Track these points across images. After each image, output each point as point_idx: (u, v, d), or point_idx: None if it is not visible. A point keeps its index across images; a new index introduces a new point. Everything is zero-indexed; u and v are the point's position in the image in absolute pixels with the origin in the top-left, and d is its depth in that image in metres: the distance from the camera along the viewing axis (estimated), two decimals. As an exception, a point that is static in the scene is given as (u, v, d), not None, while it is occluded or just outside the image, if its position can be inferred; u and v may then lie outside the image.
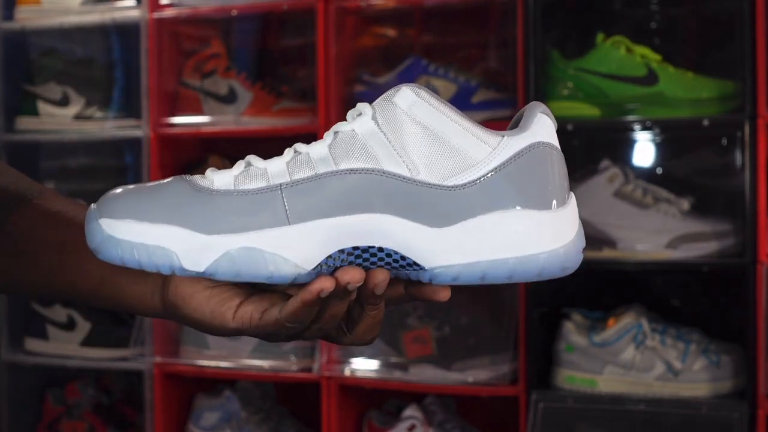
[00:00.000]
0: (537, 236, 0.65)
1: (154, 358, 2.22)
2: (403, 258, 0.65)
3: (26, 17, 2.35)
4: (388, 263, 0.65)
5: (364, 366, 2.10)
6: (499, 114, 2.04)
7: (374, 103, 0.67)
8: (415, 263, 0.65)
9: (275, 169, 0.66)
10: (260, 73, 2.42)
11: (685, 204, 1.95)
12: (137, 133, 2.26)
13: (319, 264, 0.65)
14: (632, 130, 2.00)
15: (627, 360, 1.89)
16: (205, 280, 0.70)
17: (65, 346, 2.34)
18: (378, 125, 0.65)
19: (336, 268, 0.65)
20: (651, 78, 1.91)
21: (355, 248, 0.65)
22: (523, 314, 1.94)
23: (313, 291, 0.64)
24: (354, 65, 2.19)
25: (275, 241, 0.64)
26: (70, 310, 2.34)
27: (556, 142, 0.68)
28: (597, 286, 2.11)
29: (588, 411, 1.89)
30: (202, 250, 0.64)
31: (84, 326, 2.34)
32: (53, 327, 2.35)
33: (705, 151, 2.07)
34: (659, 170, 2.10)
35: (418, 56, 2.17)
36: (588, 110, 1.93)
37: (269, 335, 0.69)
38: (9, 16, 2.37)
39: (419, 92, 0.66)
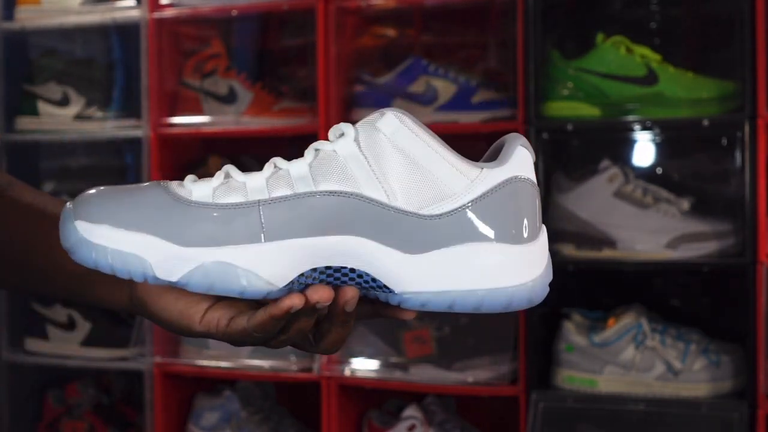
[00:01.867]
0: (508, 270, 0.66)
1: (154, 358, 2.22)
2: (374, 280, 0.66)
3: (26, 17, 2.35)
4: (358, 284, 0.66)
5: (364, 366, 2.10)
6: (499, 114, 2.04)
7: (357, 125, 0.67)
8: (385, 286, 0.66)
9: (254, 184, 0.66)
10: (260, 73, 2.42)
11: (685, 204, 1.95)
12: (137, 133, 2.26)
13: (291, 281, 0.65)
14: (632, 130, 2.00)
15: (627, 360, 1.89)
16: None
17: (65, 346, 2.34)
18: (360, 148, 0.66)
19: (307, 285, 0.66)
20: (651, 78, 1.91)
21: (328, 267, 0.66)
22: (523, 314, 1.94)
23: (282, 308, 0.65)
24: (354, 65, 2.19)
25: (249, 257, 0.65)
26: (70, 310, 2.34)
27: (533, 176, 0.69)
28: (597, 286, 2.11)
29: (588, 411, 1.89)
30: (176, 260, 0.65)
31: (84, 326, 2.34)
32: (53, 327, 2.35)
33: (705, 151, 2.07)
34: (659, 170, 2.10)
35: (418, 56, 2.17)
36: (588, 110, 1.93)
37: (235, 341, 0.70)
38: (9, 16, 2.37)
39: (403, 119, 0.66)
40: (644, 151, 2.12)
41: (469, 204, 0.66)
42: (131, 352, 2.28)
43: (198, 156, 2.35)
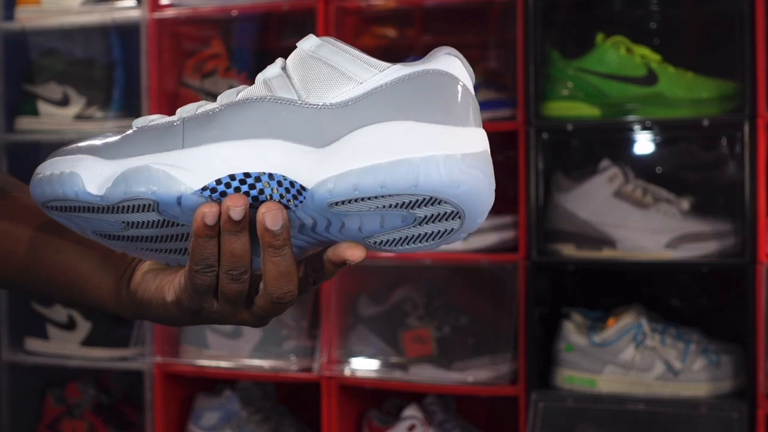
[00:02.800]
0: (413, 141, 0.62)
1: (154, 358, 2.22)
2: (292, 184, 0.64)
3: (26, 17, 2.35)
4: (281, 194, 0.65)
5: (364, 366, 2.10)
6: (499, 114, 2.04)
7: None
8: (302, 187, 0.64)
9: (187, 110, 0.69)
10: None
11: (685, 204, 1.95)
12: (137, 133, 2.25)
13: (207, 187, 0.65)
14: (632, 130, 2.00)
15: (627, 360, 1.90)
16: (157, 266, 0.73)
17: (65, 346, 2.34)
18: (284, 68, 0.68)
19: None
20: (651, 78, 1.92)
21: (247, 175, 0.65)
22: (523, 314, 1.94)
23: (197, 219, 0.65)
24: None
25: (165, 160, 0.66)
26: (71, 310, 2.34)
27: (461, 76, 0.65)
28: (597, 286, 2.11)
29: (588, 411, 1.89)
30: (104, 174, 0.67)
31: (84, 326, 2.34)
32: (53, 327, 2.36)
33: (705, 151, 2.07)
34: (659, 170, 2.10)
35: (418, 56, 2.17)
36: (588, 110, 1.93)
37: (196, 300, 0.69)
38: (9, 16, 2.37)
39: (325, 38, 0.68)
40: (644, 151, 2.12)
41: (378, 89, 0.64)
42: (131, 352, 2.28)
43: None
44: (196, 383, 2.29)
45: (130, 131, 0.70)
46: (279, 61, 0.69)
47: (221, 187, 0.65)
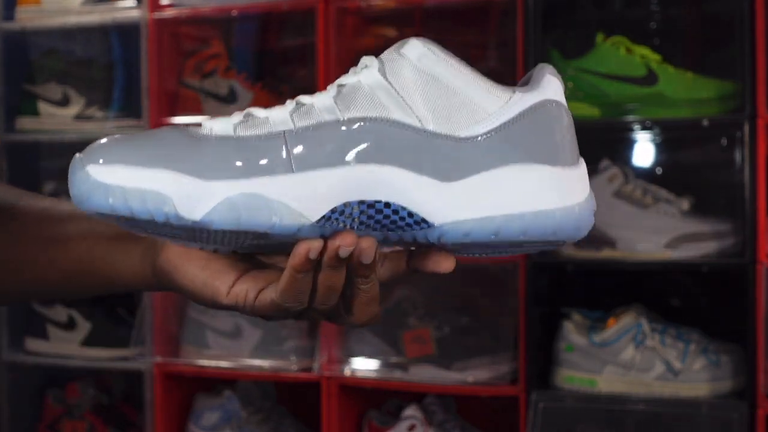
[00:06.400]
0: (552, 192, 0.62)
1: (154, 358, 2.22)
2: (410, 215, 0.61)
3: (26, 17, 2.35)
4: (394, 221, 0.61)
5: (364, 366, 2.10)
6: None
7: (381, 55, 0.64)
8: (423, 220, 0.61)
9: (277, 117, 0.62)
10: (260, 73, 2.42)
11: (685, 204, 1.95)
12: (137, 133, 2.25)
13: (324, 217, 0.60)
14: (632, 130, 2.00)
15: (627, 360, 1.90)
16: (201, 251, 0.67)
17: (65, 346, 2.34)
18: (385, 77, 0.62)
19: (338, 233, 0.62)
20: (651, 78, 1.92)
21: (361, 202, 0.61)
22: (523, 314, 1.94)
23: (300, 253, 0.60)
24: (354, 65, 2.18)
25: (279, 188, 0.60)
26: (71, 310, 2.34)
27: (565, 102, 0.65)
28: (597, 286, 2.11)
29: (588, 411, 1.89)
30: (199, 196, 0.59)
31: (84, 326, 2.34)
32: (53, 327, 2.36)
33: (705, 151, 2.07)
34: (659, 170, 2.10)
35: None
36: (588, 110, 1.93)
37: (266, 315, 0.66)
38: (9, 16, 2.37)
39: (428, 44, 0.63)
40: (644, 151, 2.12)
41: (507, 124, 0.62)
42: (131, 352, 2.28)
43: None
44: (196, 383, 2.29)
45: (212, 137, 0.61)
46: (371, 62, 0.63)
47: (336, 215, 0.61)
